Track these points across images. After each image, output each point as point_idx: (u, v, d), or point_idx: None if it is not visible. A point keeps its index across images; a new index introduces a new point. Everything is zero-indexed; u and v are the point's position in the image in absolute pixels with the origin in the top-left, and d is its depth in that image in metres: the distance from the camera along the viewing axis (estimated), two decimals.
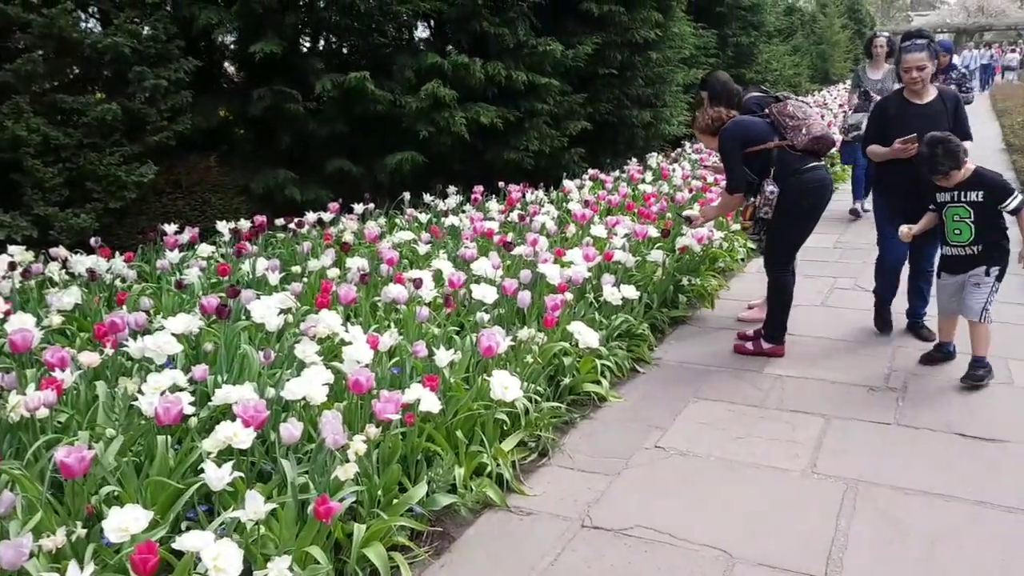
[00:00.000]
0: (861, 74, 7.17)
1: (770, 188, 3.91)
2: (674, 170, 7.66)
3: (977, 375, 3.61)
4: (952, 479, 2.88)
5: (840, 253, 6.41)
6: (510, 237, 4.86)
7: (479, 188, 6.51)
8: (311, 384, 2.55)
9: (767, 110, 4.07)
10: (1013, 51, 37.10)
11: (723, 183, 4.45)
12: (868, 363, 4.02)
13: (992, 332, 3.68)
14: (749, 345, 4.22)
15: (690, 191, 6.78)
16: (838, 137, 7.17)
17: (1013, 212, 3.49)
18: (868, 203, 7.06)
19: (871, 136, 4.18)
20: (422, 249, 4.85)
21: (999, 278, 3.61)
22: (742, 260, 5.92)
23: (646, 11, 8.06)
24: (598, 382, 3.71)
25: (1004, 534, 2.53)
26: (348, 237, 5.07)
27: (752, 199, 4.11)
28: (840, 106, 12.65)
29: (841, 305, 5.02)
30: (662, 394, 3.78)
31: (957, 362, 3.89)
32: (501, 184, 6.95)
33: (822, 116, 5.54)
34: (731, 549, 2.49)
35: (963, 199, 3.54)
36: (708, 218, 4.59)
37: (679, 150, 9.43)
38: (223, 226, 5.04)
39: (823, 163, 4.08)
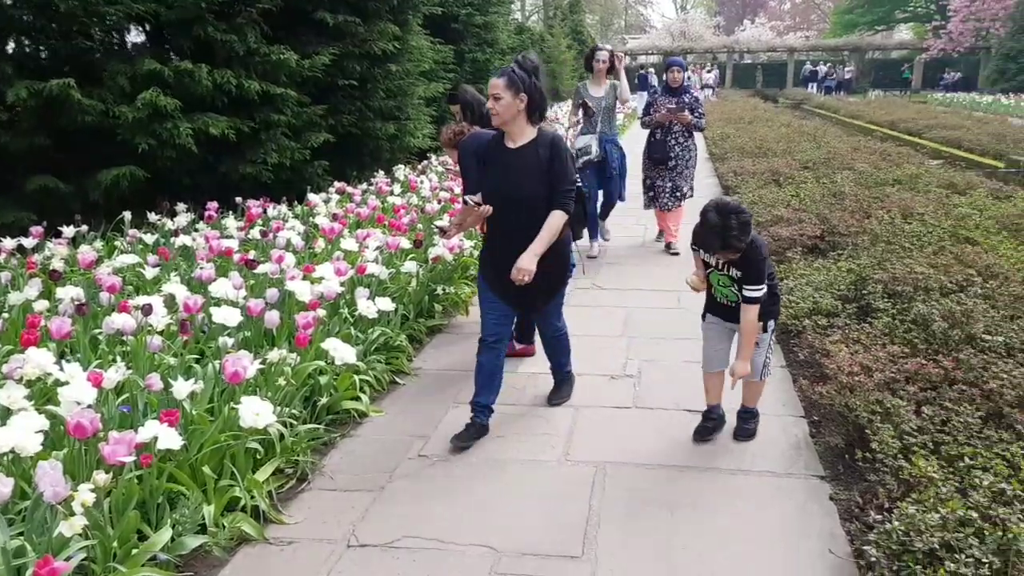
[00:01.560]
0: (583, 91, 6.56)
1: None
2: (422, 182, 7.83)
3: (750, 429, 3.35)
4: (685, 451, 3.27)
5: (576, 256, 6.97)
6: (252, 255, 4.65)
7: (213, 204, 6.14)
8: (21, 433, 2.25)
9: None
10: (710, 71, 43.01)
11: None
12: (607, 354, 4.42)
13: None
14: None
15: (439, 202, 6.98)
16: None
17: (747, 301, 3.01)
18: (608, 233, 7.13)
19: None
20: (149, 273, 4.47)
21: (774, 330, 3.27)
22: None
23: (382, 23, 8.17)
24: (357, 398, 3.69)
25: (731, 491, 2.93)
26: (57, 264, 4.51)
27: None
28: (567, 128, 12.38)
29: (582, 303, 5.47)
30: (423, 403, 3.85)
31: (681, 347, 4.42)
32: (239, 200, 6.62)
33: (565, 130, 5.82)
34: (497, 544, 2.62)
35: (725, 271, 3.10)
36: (460, 229, 4.75)
37: (425, 162, 9.67)
38: None
39: None
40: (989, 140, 15.11)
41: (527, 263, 3.15)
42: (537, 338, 4.44)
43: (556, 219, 3.21)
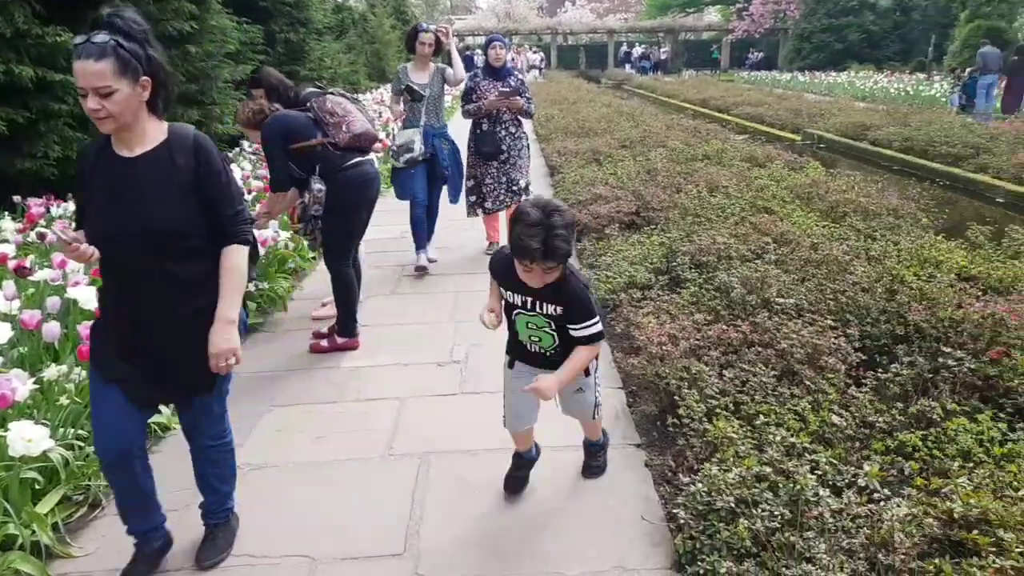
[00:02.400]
0: (403, 76, 5.62)
1: (317, 186, 4.01)
2: (232, 170, 7.39)
3: (598, 464, 2.98)
4: (507, 433, 3.30)
5: (408, 242, 6.88)
6: (29, 261, 4.18)
7: None
8: None
9: (308, 105, 4.15)
10: (536, 52, 44.00)
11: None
12: (435, 341, 4.39)
13: None
14: (324, 343, 4.30)
15: (250, 192, 6.62)
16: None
17: (584, 342, 2.42)
18: (433, 251, 5.99)
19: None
20: None
21: (597, 369, 2.69)
22: (313, 258, 6.00)
23: (177, 2, 7.60)
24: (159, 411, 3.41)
25: (554, 466, 2.99)
26: None
27: (302, 197, 4.16)
28: (385, 121, 10.79)
29: (410, 291, 5.40)
30: (234, 410, 3.60)
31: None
32: (17, 199, 5.95)
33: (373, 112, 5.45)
34: (314, 552, 2.52)
35: (538, 309, 2.45)
36: (271, 217, 4.52)
37: (237, 149, 9.16)
38: None
39: (369, 158, 4.29)
40: (787, 115, 16.54)
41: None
42: (359, 329, 4.35)
43: (236, 259, 2.23)
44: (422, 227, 5.74)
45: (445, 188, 5.96)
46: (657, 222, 5.87)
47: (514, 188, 5.92)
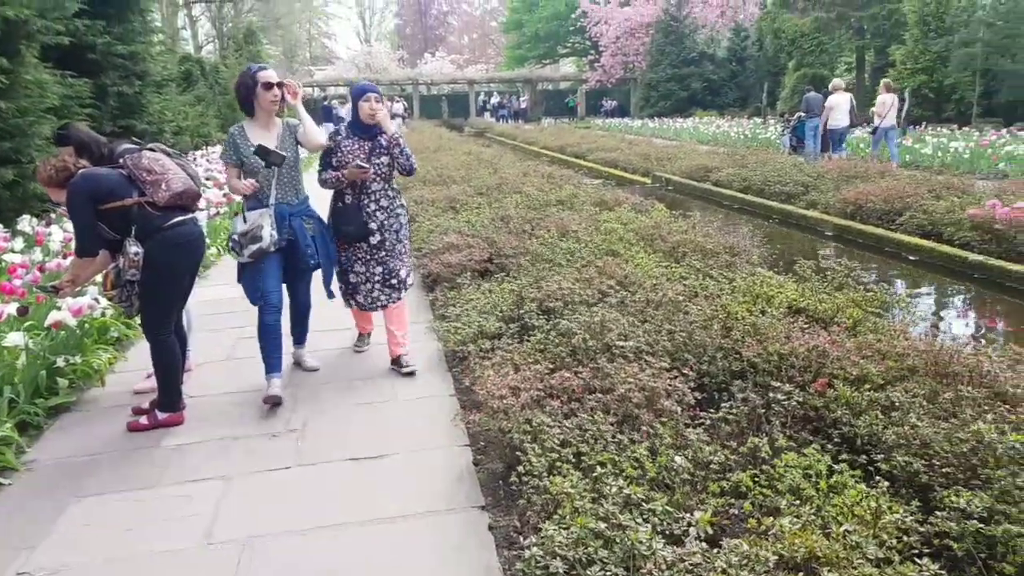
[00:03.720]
0: (241, 140, 4.21)
1: (133, 249, 3.67)
2: (51, 234, 6.79)
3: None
4: (346, 506, 3.08)
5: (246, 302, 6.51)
6: None
7: None
8: None
9: (122, 162, 3.83)
10: (398, 102, 44.21)
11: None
12: (271, 409, 4.10)
13: (373, 355, 4.12)
14: (144, 420, 3.92)
15: (65, 256, 6.08)
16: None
17: None
18: (313, 358, 4.77)
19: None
20: None
21: None
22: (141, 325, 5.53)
23: None
24: None
25: (394, 542, 2.79)
26: None
27: (116, 261, 3.81)
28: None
29: (247, 355, 5.06)
30: (34, 504, 3.21)
31: (354, 392, 4.25)
32: None
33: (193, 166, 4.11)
34: None
35: None
36: (75, 285, 4.11)
37: (63, 209, 8.44)
38: None
39: (192, 215, 3.99)
40: (639, 160, 17.30)
41: None
42: (184, 403, 4.00)
43: None
44: (274, 340, 4.24)
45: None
46: (509, 269, 5.85)
47: (392, 281, 4.62)
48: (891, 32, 28.15)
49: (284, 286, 4.42)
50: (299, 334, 4.74)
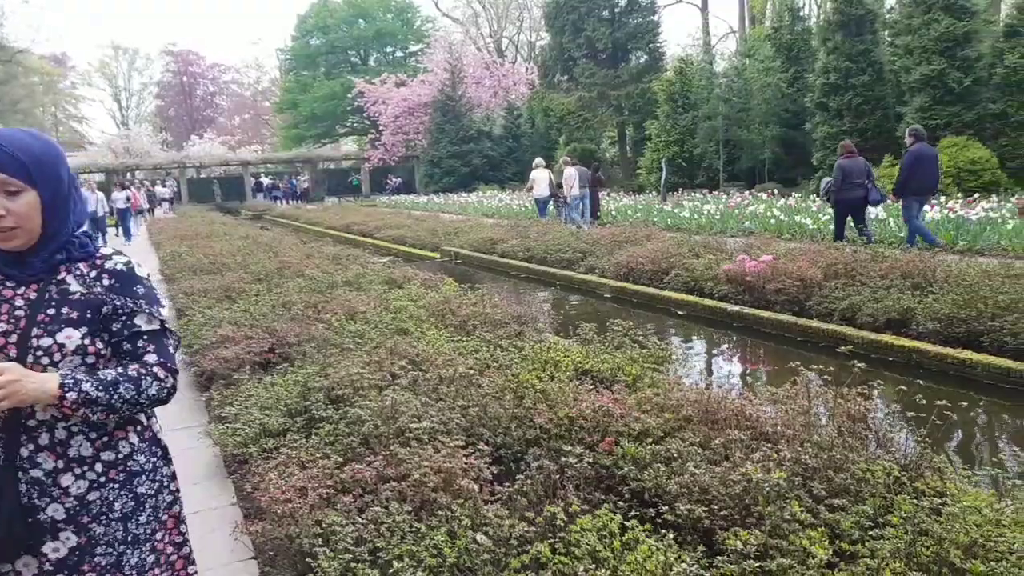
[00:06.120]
0: None
1: None
2: None
3: None
4: None
5: None
6: None
7: None
8: None
9: None
10: (166, 187, 41.85)
11: None
12: None
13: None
14: None
15: None
16: None
17: None
18: None
19: None
20: None
21: None
22: None
23: None
24: None
25: None
26: None
27: None
28: None
29: None
30: None
31: None
32: None
33: None
34: None
35: None
36: None
37: None
38: None
39: None
40: (427, 235, 17.61)
41: None
42: None
43: None
44: None
45: None
46: (293, 358, 5.61)
47: None
48: (645, 109, 31.42)
49: None
50: None
